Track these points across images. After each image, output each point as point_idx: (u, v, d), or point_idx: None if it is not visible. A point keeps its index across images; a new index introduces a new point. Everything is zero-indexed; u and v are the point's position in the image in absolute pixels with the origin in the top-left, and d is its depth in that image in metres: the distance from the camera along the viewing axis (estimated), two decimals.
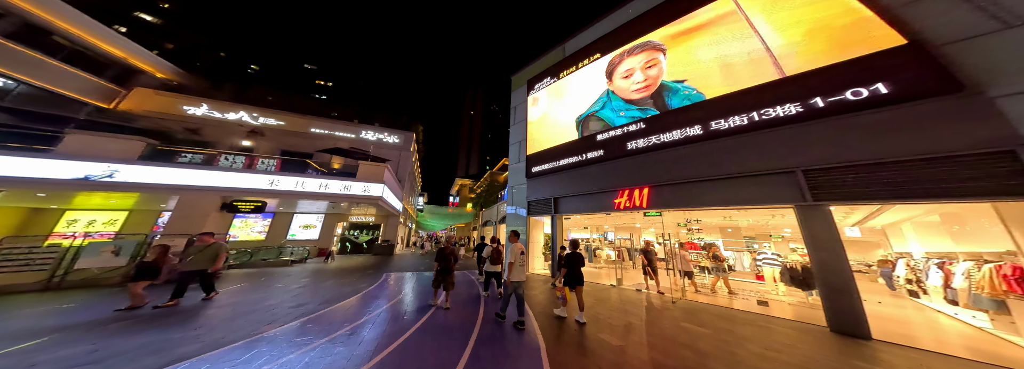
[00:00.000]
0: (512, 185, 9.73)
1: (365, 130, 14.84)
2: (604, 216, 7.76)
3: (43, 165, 6.15)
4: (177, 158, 7.95)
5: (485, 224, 17.86)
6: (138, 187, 6.81)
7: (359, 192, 9.14)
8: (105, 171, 6.69)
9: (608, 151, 6.60)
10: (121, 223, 9.19)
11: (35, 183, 6.10)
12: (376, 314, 3.73)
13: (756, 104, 4.41)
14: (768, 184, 4.06)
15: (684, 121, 5.27)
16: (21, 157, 6.00)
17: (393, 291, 5.21)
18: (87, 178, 6.51)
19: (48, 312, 3.62)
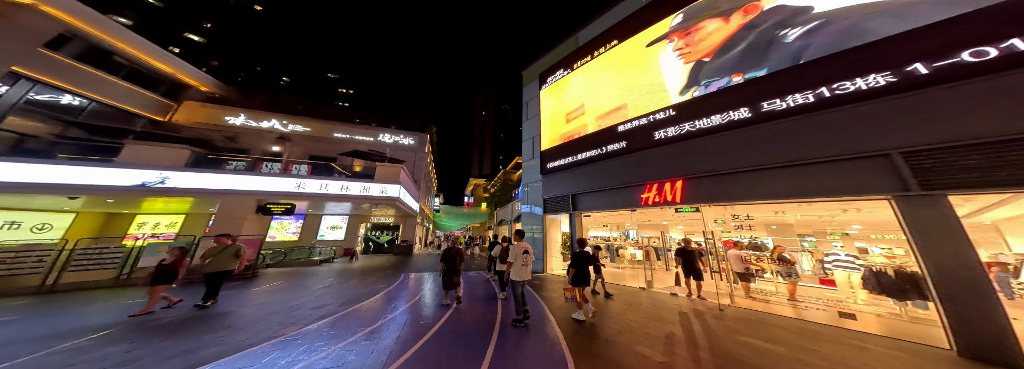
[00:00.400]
0: (527, 183, 9.35)
1: (382, 133, 15.18)
2: (629, 213, 7.14)
3: (107, 173, 6.77)
4: (222, 164, 8.52)
5: (500, 223, 17.64)
6: (186, 192, 7.31)
7: (377, 193, 9.25)
8: (157, 178, 7.25)
9: (632, 142, 5.98)
10: (179, 225, 10.09)
11: (102, 190, 6.73)
12: (392, 317, 3.55)
13: (827, 77, 3.61)
14: (850, 171, 3.27)
15: (726, 104, 4.53)
16: (90, 167, 6.66)
17: (410, 293, 5.07)
18: (143, 184, 7.09)
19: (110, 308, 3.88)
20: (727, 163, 4.37)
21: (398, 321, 3.42)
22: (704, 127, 4.75)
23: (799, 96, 3.82)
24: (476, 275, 7.26)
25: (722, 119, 4.54)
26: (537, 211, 8.42)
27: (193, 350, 2.53)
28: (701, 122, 4.81)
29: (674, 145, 5.17)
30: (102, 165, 6.79)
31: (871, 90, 3.30)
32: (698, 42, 5.33)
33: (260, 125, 12.53)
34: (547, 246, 7.82)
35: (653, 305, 4.16)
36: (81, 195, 6.71)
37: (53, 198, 6.76)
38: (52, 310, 3.96)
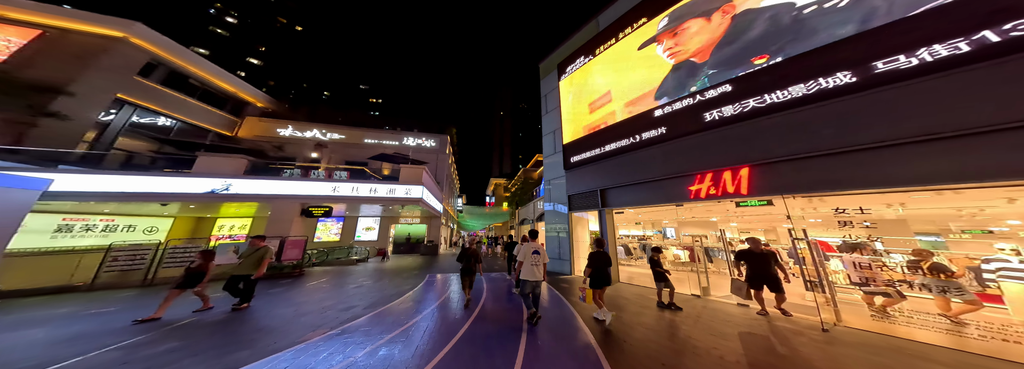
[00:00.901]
0: (549, 179, 8.75)
1: (406, 136, 15.66)
2: (670, 209, 6.19)
3: (185, 183, 7.74)
4: (275, 172, 9.34)
5: (522, 223, 17.18)
6: (245, 197, 8.07)
7: (402, 194, 9.38)
8: (223, 185, 8.10)
9: (673, 127, 5.08)
10: (248, 228, 11.35)
11: (182, 197, 7.68)
12: (414, 323, 3.29)
13: (986, 21, 2.51)
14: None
15: (815, 69, 3.51)
16: (172, 177, 7.66)
17: (432, 295, 4.84)
18: (213, 192, 7.97)
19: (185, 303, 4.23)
20: (818, 143, 3.35)
21: (420, 327, 3.13)
22: (778, 101, 3.75)
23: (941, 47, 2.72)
24: (499, 276, 6.89)
25: (808, 88, 3.51)
26: (561, 209, 7.78)
27: (225, 353, 2.45)
28: (774, 96, 3.81)
29: (734, 127, 4.21)
30: (180, 175, 7.73)
31: None
32: None
33: (304, 135, 13.69)
34: (574, 246, 7.15)
35: (719, 319, 3.32)
36: (170, 202, 7.72)
37: (152, 205, 7.90)
38: (139, 303, 4.37)
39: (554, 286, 5.51)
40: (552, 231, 7.96)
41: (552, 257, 7.65)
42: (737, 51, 4.45)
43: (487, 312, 3.70)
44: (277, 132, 13.30)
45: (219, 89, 12.25)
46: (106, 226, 8.61)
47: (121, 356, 2.39)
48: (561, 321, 3.29)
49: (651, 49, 5.99)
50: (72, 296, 5.07)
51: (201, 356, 2.38)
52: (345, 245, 11.89)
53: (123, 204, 7.55)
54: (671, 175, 4.94)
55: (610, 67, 7.08)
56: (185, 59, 10.67)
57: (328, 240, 12.42)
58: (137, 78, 9.43)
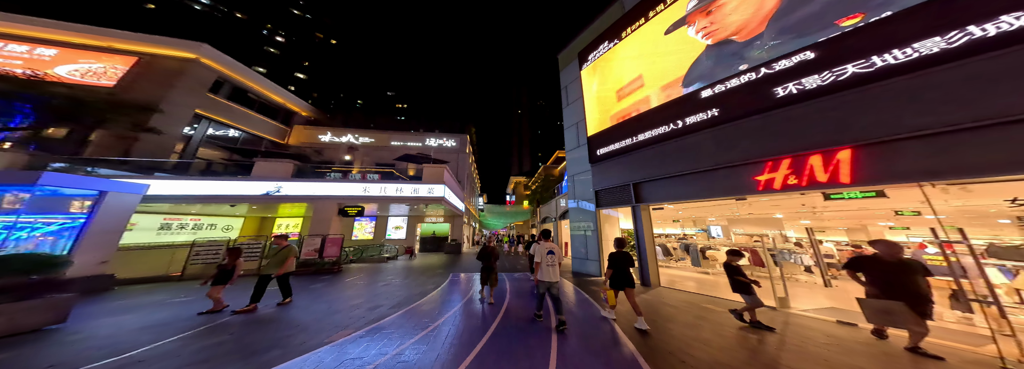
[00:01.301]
0: (572, 174, 8.12)
1: (427, 137, 16.06)
2: (723, 204, 5.24)
3: (244, 186, 8.64)
4: (319, 175, 10.08)
5: (544, 221, 16.61)
6: (292, 198, 8.77)
7: (425, 194, 9.46)
8: (275, 187, 8.90)
9: (729, 107, 4.20)
10: (300, 226, 12.49)
11: (243, 198, 8.61)
12: (439, 323, 3.07)
13: None
14: None
15: (959, 15, 2.54)
16: (234, 181, 8.59)
17: (458, 296, 4.64)
18: (267, 194, 8.82)
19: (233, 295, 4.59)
20: (979, 110, 2.37)
21: (443, 331, 2.87)
22: (898, 61, 2.78)
23: None
24: (523, 276, 6.51)
25: (948, 41, 2.53)
26: (587, 206, 7.14)
27: (260, 350, 2.41)
28: (889, 56, 2.84)
29: (820, 101, 3.28)
30: (242, 179, 8.62)
31: None
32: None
33: (340, 140, 14.75)
34: (603, 246, 6.48)
35: (817, 342, 2.50)
36: (236, 203, 8.67)
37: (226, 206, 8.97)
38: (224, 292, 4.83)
39: (582, 288, 4.99)
40: (577, 229, 7.35)
41: (578, 257, 7.07)
42: (810, 16, 3.50)
43: (512, 314, 3.44)
44: (319, 138, 14.48)
45: (272, 102, 13.64)
46: (194, 225, 10.01)
47: (176, 348, 2.48)
48: (591, 326, 2.98)
49: (681, 32, 5.11)
50: (167, 285, 5.83)
51: (238, 354, 2.35)
52: (377, 243, 12.48)
53: (205, 205, 8.66)
54: (728, 164, 4.09)
55: (641, 49, 6.25)
56: (245, 76, 11.99)
57: (363, 238, 13.17)
58: (209, 95, 10.77)
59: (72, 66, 8.66)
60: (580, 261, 6.89)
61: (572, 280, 5.96)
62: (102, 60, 9.03)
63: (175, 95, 9.58)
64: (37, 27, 8.65)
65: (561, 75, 9.65)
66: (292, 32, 43.22)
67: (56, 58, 8.61)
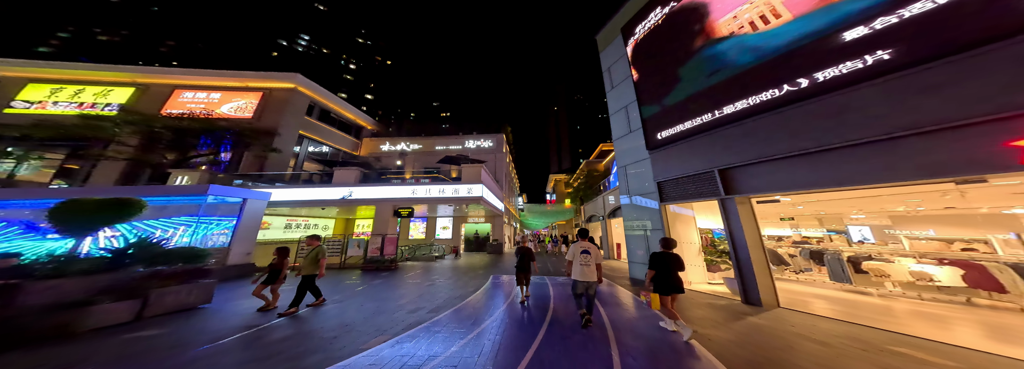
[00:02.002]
0: (623, 166, 6.96)
1: (466, 140, 16.78)
2: (865, 195, 3.49)
3: (328, 191, 10.48)
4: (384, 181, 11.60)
5: (589, 220, 15.20)
6: (361, 201, 10.25)
7: (465, 194, 9.69)
8: (347, 192, 10.61)
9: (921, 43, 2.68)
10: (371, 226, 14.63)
11: (328, 202, 10.47)
12: (481, 330, 2.80)
13: None
14: None
15: None
16: (321, 188, 10.52)
17: (496, 301, 4.33)
18: (343, 198, 10.54)
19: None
20: None
21: (485, 340, 2.57)
22: None
23: None
24: (566, 280, 5.82)
25: None
26: (645, 202, 5.93)
27: (299, 355, 2.33)
28: None
29: None
30: (324, 186, 10.47)
31: None
32: None
33: (395, 148, 16.82)
34: (683, 249, 5.22)
35: None
36: (326, 206, 10.61)
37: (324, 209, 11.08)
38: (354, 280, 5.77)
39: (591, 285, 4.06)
40: (634, 229, 6.20)
41: (637, 261, 5.93)
42: None
43: (560, 322, 3.10)
44: (381, 148, 16.79)
45: (347, 119, 16.48)
46: (306, 225, 12.72)
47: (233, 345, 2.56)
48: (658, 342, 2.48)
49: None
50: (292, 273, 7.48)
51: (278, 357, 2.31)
52: (428, 243, 13.53)
53: (310, 209, 10.86)
54: (929, 127, 2.58)
55: None
56: (328, 99, 14.76)
57: (417, 238, 14.49)
58: (306, 117, 13.58)
59: (229, 104, 12.06)
60: (640, 266, 5.77)
61: (630, 288, 5.01)
62: (245, 97, 12.29)
63: (287, 120, 12.32)
64: (208, 77, 12.37)
65: (602, 57, 8.54)
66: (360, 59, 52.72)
67: (220, 100, 12.13)
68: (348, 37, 53.02)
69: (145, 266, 3.58)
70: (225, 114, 11.69)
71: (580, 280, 2.86)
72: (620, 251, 10.53)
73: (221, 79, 12.34)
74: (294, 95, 12.94)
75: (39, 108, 10.61)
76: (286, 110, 12.42)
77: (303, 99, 13.40)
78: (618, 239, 10.95)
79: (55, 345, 2.53)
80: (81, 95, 11.20)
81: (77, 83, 11.44)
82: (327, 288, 5.17)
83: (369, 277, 6.40)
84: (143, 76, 11.86)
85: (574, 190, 18.77)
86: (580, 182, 17.73)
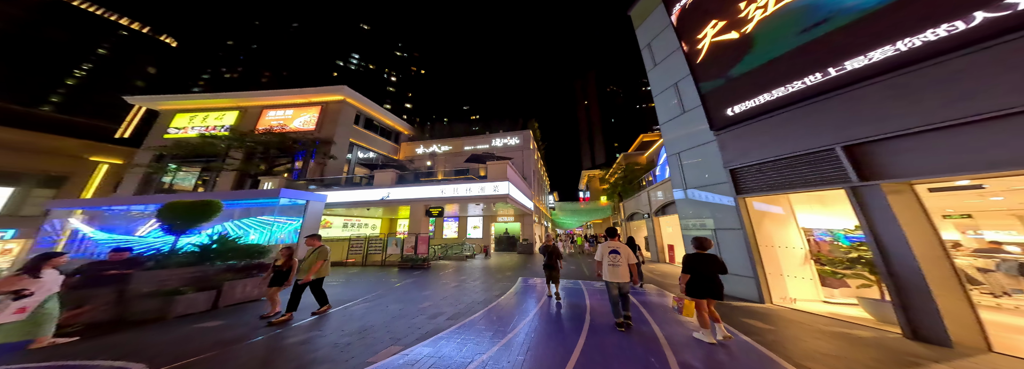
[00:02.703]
0: (675, 154, 5.74)
1: (493, 138, 16.70)
2: None
3: (370, 193, 11.42)
4: (406, 180, 12.32)
5: (631, 218, 13.53)
6: (397, 202, 10.90)
7: (491, 191, 9.42)
8: (386, 193, 11.43)
9: None
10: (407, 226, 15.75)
11: (371, 203, 11.40)
12: (507, 343, 2.37)
13: None
14: None
15: None
16: (364, 190, 11.51)
17: (523, 307, 3.81)
18: (382, 199, 11.40)
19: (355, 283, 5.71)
20: None
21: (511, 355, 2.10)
22: None
23: None
24: (602, 284, 4.98)
25: None
26: (709, 197, 4.71)
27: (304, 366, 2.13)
28: None
29: None
30: (366, 188, 11.40)
31: None
32: None
33: (428, 150, 17.70)
34: (760, 254, 3.96)
35: None
36: (371, 207, 11.62)
37: (374, 209, 12.22)
38: (353, 278, 6.17)
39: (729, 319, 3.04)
40: (692, 228, 5.01)
41: None
42: None
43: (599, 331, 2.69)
44: (416, 152, 17.86)
45: (388, 126, 17.97)
46: (359, 224, 14.25)
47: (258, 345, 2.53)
48: None
49: None
50: (343, 268, 8.19)
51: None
52: (459, 242, 13.78)
53: (361, 210, 12.06)
54: None
55: None
56: (371, 107, 16.25)
57: (450, 237, 14.93)
58: (355, 126, 15.15)
59: (299, 119, 14.14)
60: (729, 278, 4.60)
61: (638, 282, 4.36)
62: (309, 112, 14.27)
63: (339, 130, 13.89)
64: (282, 96, 14.66)
65: (638, 34, 7.34)
66: (399, 71, 58.31)
67: (293, 115, 14.30)
68: (388, 52, 59.09)
69: (222, 261, 4.03)
70: (297, 128, 13.71)
71: (612, 281, 2.78)
72: (673, 253, 8.95)
73: (290, 97, 14.54)
74: (344, 106, 14.48)
75: (183, 133, 13.98)
76: (338, 120, 13.98)
77: (351, 109, 14.93)
78: (670, 240, 9.35)
79: (150, 329, 2.92)
80: (206, 120, 14.39)
81: (204, 110, 14.77)
82: (366, 285, 5.32)
83: (403, 276, 6.51)
84: (242, 100, 14.70)
85: (610, 186, 17.08)
86: (617, 177, 16.02)
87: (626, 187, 14.57)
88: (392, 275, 6.60)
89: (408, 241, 8.96)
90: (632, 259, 2.79)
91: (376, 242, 9.68)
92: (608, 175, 18.23)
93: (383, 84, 55.07)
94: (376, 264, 9.11)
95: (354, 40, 54.72)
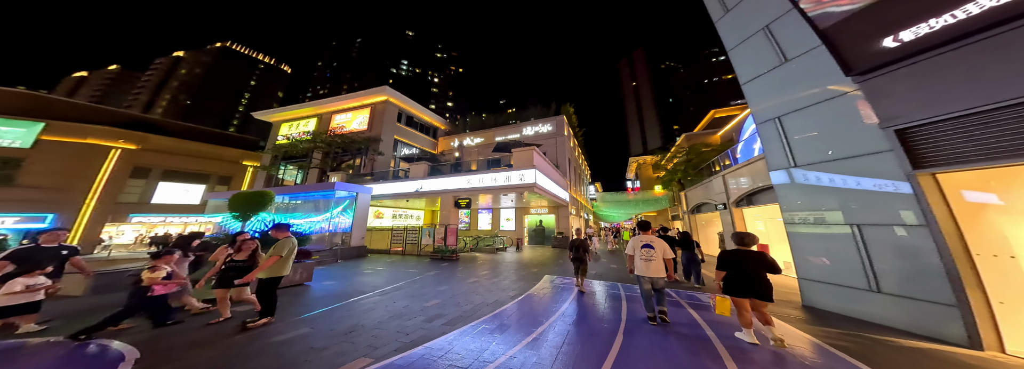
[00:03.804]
0: (772, 119, 3.85)
1: (524, 127, 15.86)
2: None
3: (406, 185, 12.32)
4: (437, 171, 12.84)
5: (697, 210, 10.85)
6: (429, 193, 11.55)
7: (517, 181, 8.79)
8: (419, 185, 12.17)
9: None
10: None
11: (408, 195, 12.41)
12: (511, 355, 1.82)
13: None
14: None
15: None
16: (401, 182, 12.56)
17: (542, 311, 3.19)
18: (416, 191, 12.21)
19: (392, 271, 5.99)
20: None
21: None
22: None
23: None
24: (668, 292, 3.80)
25: None
26: (847, 181, 2.91)
27: None
28: None
29: None
30: (402, 180, 12.26)
31: None
32: None
33: (462, 143, 18.18)
34: (975, 267, 2.19)
35: None
36: (410, 198, 12.72)
37: (418, 201, 13.50)
38: (393, 266, 6.58)
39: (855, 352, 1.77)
40: (803, 223, 3.29)
41: (831, 281, 3.13)
42: None
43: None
44: (451, 145, 18.59)
45: (426, 123, 19.18)
46: (405, 215, 15.99)
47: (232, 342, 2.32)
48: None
49: None
50: (387, 256, 9.05)
51: None
52: (492, 234, 13.83)
53: (406, 202, 13.40)
54: None
55: None
56: (411, 106, 17.52)
57: (485, 229, 15.17)
58: (397, 124, 16.63)
59: (356, 120, 16.37)
60: (838, 290, 3.00)
61: (807, 323, 2.67)
62: (362, 113, 16.36)
63: (385, 128, 15.46)
64: (341, 102, 17.13)
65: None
66: (439, 71, 61.81)
67: (351, 118, 16.67)
68: (429, 54, 63.25)
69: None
70: (354, 128, 15.90)
71: (644, 275, 2.72)
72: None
73: (347, 102, 16.85)
74: (388, 106, 15.93)
75: (284, 139, 18.00)
76: (384, 119, 15.51)
77: (393, 108, 16.33)
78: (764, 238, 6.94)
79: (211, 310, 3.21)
80: (297, 127, 18.15)
81: (295, 120, 18.65)
82: (393, 275, 5.44)
83: (430, 267, 6.52)
84: (317, 108, 17.88)
85: (667, 173, 14.11)
86: (678, 162, 13.03)
87: (689, 173, 11.72)
88: (421, 266, 6.71)
89: (438, 232, 9.28)
90: (668, 254, 2.71)
91: (413, 233, 10.38)
92: (664, 161, 15.13)
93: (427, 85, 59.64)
94: (412, 254, 9.74)
95: (402, 47, 60.40)
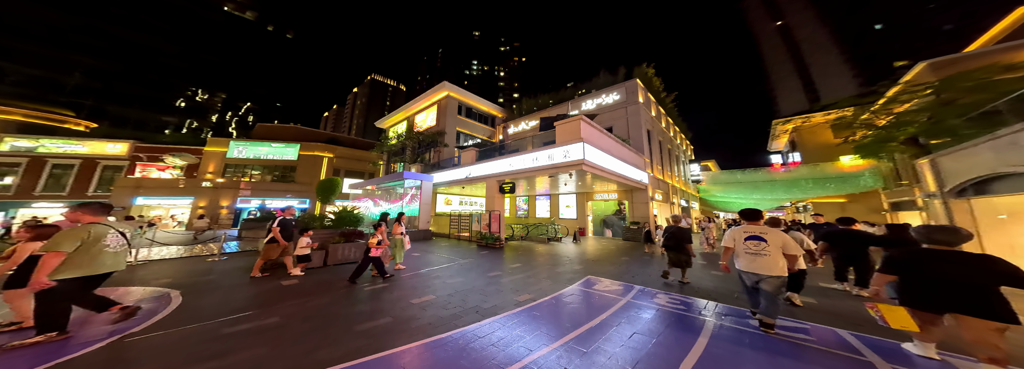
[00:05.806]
0: None
1: (583, 101, 13.10)
2: None
3: (458, 172, 12.37)
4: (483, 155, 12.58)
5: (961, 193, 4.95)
6: (477, 178, 11.48)
7: (560, 160, 7.02)
8: (468, 171, 12.37)
9: None
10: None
11: (459, 181, 12.74)
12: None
13: None
14: None
15: None
16: (454, 169, 13.18)
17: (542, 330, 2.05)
18: (466, 177, 12.59)
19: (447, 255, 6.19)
20: None
21: None
22: None
23: None
24: None
25: None
26: None
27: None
28: None
29: None
30: (454, 167, 12.58)
31: None
32: None
33: (519, 128, 17.48)
34: None
35: None
36: (465, 185, 13.57)
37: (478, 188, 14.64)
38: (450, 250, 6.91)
39: None
40: None
41: None
42: None
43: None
44: (508, 131, 18.33)
45: (485, 112, 19.77)
46: (470, 202, 17.57)
47: None
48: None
49: None
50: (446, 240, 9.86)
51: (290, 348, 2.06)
52: (549, 222, 12.51)
53: (464, 188, 14.66)
54: None
55: None
56: (469, 98, 18.41)
57: (543, 217, 13.99)
58: (459, 116, 17.99)
59: (429, 118, 19.17)
60: None
61: None
62: (431, 111, 18.91)
63: (449, 121, 17.10)
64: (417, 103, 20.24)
65: None
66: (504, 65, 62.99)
67: (426, 116, 19.64)
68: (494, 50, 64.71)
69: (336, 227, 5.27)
70: (429, 125, 18.63)
71: (746, 270, 2.31)
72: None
73: (420, 103, 19.73)
74: (449, 100, 17.38)
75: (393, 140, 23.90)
76: (447, 113, 17.09)
77: (454, 102, 17.63)
78: None
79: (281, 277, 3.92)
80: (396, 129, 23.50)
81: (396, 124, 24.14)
82: (428, 260, 5.45)
83: (468, 255, 6.25)
84: (406, 112, 22.15)
85: (878, 132, 7.40)
86: (912, 109, 6.47)
87: (947, 125, 5.60)
88: (463, 253, 6.56)
89: (483, 219, 9.11)
90: (794, 250, 2.20)
91: (466, 219, 10.64)
92: (866, 115, 8.16)
93: (495, 81, 62.18)
94: (464, 239, 9.91)
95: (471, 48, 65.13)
